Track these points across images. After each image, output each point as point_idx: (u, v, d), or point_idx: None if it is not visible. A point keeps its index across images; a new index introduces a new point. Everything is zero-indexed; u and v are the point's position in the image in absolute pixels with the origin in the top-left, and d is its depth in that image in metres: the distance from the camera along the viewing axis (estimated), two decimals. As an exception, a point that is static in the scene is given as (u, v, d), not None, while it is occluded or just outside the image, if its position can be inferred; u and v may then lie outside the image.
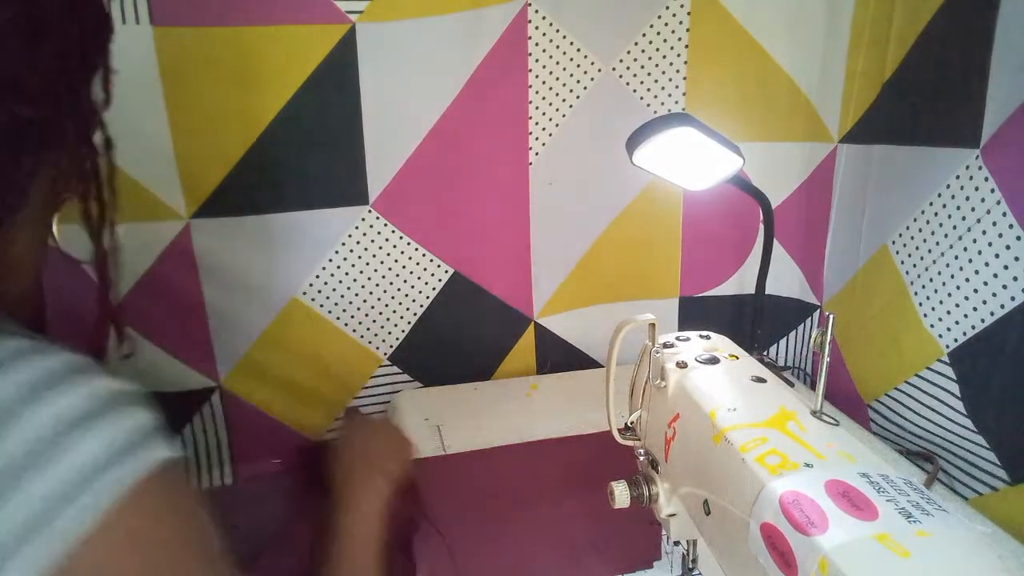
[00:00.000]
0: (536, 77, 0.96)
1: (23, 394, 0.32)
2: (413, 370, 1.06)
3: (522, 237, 1.04)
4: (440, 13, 0.88)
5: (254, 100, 0.85)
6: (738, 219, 1.07)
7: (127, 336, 0.51)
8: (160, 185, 0.85)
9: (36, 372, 0.33)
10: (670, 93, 1.00)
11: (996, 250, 0.70)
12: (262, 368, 0.97)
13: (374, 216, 0.95)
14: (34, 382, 0.33)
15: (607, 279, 1.09)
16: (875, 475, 0.40)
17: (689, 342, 0.58)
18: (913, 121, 0.84)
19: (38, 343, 0.35)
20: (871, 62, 0.89)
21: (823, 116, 0.99)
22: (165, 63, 0.80)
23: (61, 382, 0.33)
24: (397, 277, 1.00)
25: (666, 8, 0.95)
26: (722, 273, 1.11)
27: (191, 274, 0.90)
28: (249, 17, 0.81)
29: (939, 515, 0.37)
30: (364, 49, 0.86)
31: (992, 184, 0.70)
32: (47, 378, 0.33)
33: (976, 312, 0.73)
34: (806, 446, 0.43)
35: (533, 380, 1.07)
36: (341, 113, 0.89)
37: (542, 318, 1.09)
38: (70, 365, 0.35)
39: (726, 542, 0.46)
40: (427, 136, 0.93)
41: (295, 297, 0.96)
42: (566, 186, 1.02)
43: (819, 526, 0.36)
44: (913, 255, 0.83)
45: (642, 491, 0.56)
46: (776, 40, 0.97)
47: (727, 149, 0.76)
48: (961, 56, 0.75)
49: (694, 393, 0.51)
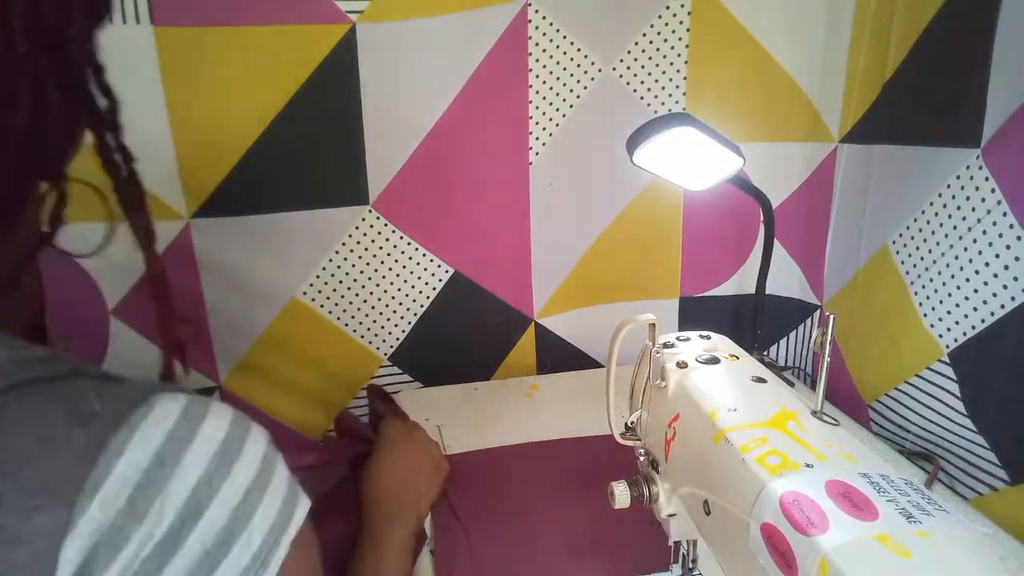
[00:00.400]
0: (536, 77, 0.96)
1: (217, 462, 0.32)
2: (413, 370, 1.06)
3: (522, 237, 1.04)
4: (440, 13, 0.88)
5: (254, 100, 0.85)
6: (738, 219, 1.07)
7: (188, 364, 0.51)
8: (160, 185, 0.85)
9: (219, 433, 0.33)
10: (670, 93, 1.00)
11: (996, 250, 0.70)
12: (262, 368, 0.97)
13: (374, 216, 0.95)
14: (221, 448, 0.32)
15: (607, 279, 1.09)
16: (875, 475, 0.40)
17: (689, 342, 0.58)
18: (913, 121, 0.84)
19: None
20: (872, 62, 0.89)
21: (823, 116, 0.98)
22: (165, 63, 0.80)
23: (238, 448, 0.33)
24: (397, 277, 1.00)
25: (666, 8, 0.95)
26: (722, 273, 1.11)
27: (191, 274, 0.90)
28: (249, 17, 0.81)
29: (939, 515, 0.37)
30: (364, 49, 0.86)
31: (992, 184, 0.70)
32: (228, 444, 0.33)
33: (976, 312, 0.73)
34: (806, 446, 0.43)
35: (533, 380, 1.07)
36: (341, 113, 0.89)
37: (542, 318, 1.09)
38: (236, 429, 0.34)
39: (726, 542, 0.46)
40: (427, 136, 0.93)
41: (295, 297, 0.96)
42: (566, 186, 1.02)
43: (819, 526, 0.36)
44: (913, 255, 0.83)
45: (642, 491, 0.56)
46: (776, 40, 0.97)
47: (727, 149, 0.76)
48: (961, 56, 0.75)
49: (694, 393, 0.51)
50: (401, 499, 0.69)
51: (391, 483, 0.70)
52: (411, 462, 0.73)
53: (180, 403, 0.33)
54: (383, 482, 0.70)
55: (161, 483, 0.30)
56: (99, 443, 0.29)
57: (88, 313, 0.87)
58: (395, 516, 0.67)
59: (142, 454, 0.30)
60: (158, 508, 0.30)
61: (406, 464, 0.73)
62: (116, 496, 0.29)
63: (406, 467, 0.72)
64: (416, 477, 0.72)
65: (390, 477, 0.71)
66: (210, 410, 0.33)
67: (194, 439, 0.32)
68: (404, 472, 0.72)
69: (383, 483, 0.70)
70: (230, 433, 0.33)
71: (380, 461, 0.72)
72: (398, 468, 0.72)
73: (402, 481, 0.71)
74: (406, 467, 0.72)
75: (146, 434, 0.31)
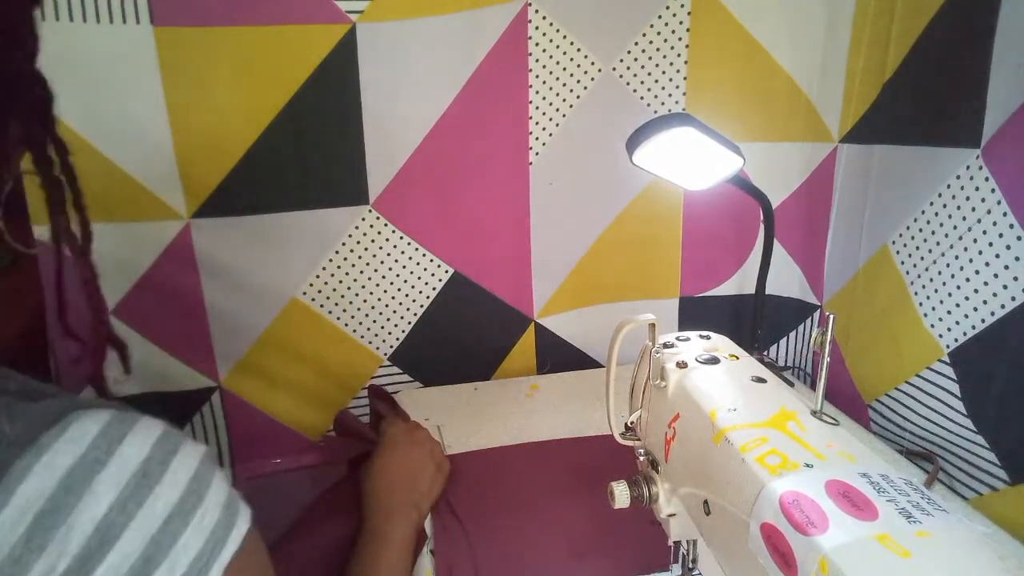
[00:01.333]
0: (536, 77, 0.96)
1: (138, 481, 0.30)
2: (413, 370, 1.06)
3: (522, 237, 1.04)
4: (440, 13, 0.88)
5: (254, 100, 0.85)
6: (738, 219, 1.07)
7: (128, 358, 0.49)
8: (160, 185, 0.85)
9: (138, 455, 0.31)
10: (670, 93, 1.00)
11: (996, 250, 0.70)
12: (262, 368, 0.97)
13: (374, 216, 0.95)
14: (143, 468, 0.31)
15: (607, 279, 1.09)
16: (875, 475, 0.40)
17: (689, 342, 0.58)
18: (913, 121, 0.83)
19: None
20: (871, 62, 0.89)
21: (823, 116, 0.98)
22: (165, 63, 0.80)
23: (161, 469, 0.31)
24: (397, 277, 1.00)
25: (666, 8, 0.95)
26: (722, 273, 1.11)
27: (191, 274, 0.90)
28: (249, 17, 0.81)
29: (939, 515, 0.37)
30: (364, 49, 0.86)
31: (992, 184, 0.70)
32: (149, 466, 0.31)
33: (976, 312, 0.73)
34: (806, 446, 0.43)
35: (533, 380, 1.07)
36: (341, 113, 0.89)
37: (542, 318, 1.09)
38: (160, 447, 0.32)
39: (726, 542, 0.46)
40: (427, 136, 0.93)
41: (295, 297, 0.96)
42: (566, 186, 1.02)
43: (819, 526, 0.36)
44: (913, 255, 0.83)
45: (642, 491, 0.56)
46: (776, 40, 0.97)
47: (727, 149, 0.76)
48: (961, 56, 0.75)
49: (694, 393, 0.51)
50: (402, 497, 0.69)
51: (393, 481, 0.70)
52: (414, 461, 0.73)
53: (99, 422, 0.30)
54: (384, 479, 0.70)
55: (67, 510, 0.28)
56: (1, 469, 0.28)
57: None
58: (396, 513, 0.67)
59: (48, 479, 0.28)
60: (62, 537, 0.28)
61: (408, 462, 0.73)
62: (15, 525, 0.27)
63: (408, 465, 0.73)
64: (418, 476, 0.72)
65: (392, 475, 0.71)
66: (133, 429, 0.31)
67: (108, 461, 0.30)
68: (406, 470, 0.72)
69: (384, 480, 0.70)
70: (152, 454, 0.31)
71: (382, 459, 0.72)
72: (400, 466, 0.72)
73: (404, 479, 0.71)
74: (408, 465, 0.73)
75: (54, 458, 0.29)
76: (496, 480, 0.80)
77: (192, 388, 0.95)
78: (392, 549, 0.63)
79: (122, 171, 0.83)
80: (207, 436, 0.98)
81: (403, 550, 0.64)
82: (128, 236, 0.86)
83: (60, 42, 0.76)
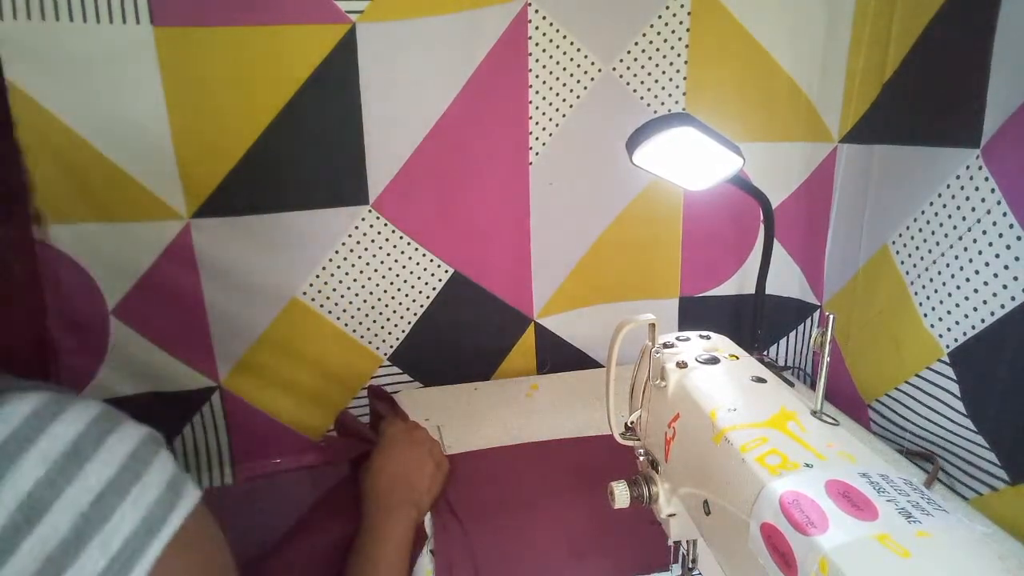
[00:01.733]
0: (536, 77, 0.96)
1: (62, 463, 0.30)
2: (413, 370, 1.06)
3: (522, 237, 1.04)
4: (440, 13, 0.88)
5: (254, 100, 0.85)
6: (738, 219, 1.07)
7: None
8: (160, 185, 0.85)
9: (70, 433, 0.31)
10: (670, 93, 1.00)
11: (996, 250, 0.70)
12: (262, 368, 0.97)
13: (374, 216, 0.95)
14: (73, 447, 0.31)
15: (607, 279, 1.09)
16: (875, 475, 0.40)
17: (689, 342, 0.58)
18: (913, 121, 0.84)
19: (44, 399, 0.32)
20: (871, 62, 0.89)
21: (823, 116, 0.98)
22: (165, 63, 0.80)
23: (95, 447, 0.31)
24: (397, 277, 1.00)
25: (666, 8, 0.95)
26: (722, 273, 1.11)
27: (191, 274, 0.90)
28: (249, 17, 0.81)
29: (939, 515, 0.37)
30: (364, 49, 0.86)
31: (992, 184, 0.70)
32: (82, 443, 0.31)
33: (976, 312, 0.73)
34: (806, 446, 0.43)
35: (533, 380, 1.07)
36: (341, 113, 0.89)
37: (542, 318, 1.09)
38: (94, 427, 0.32)
39: (726, 542, 0.46)
40: (427, 136, 0.93)
41: (295, 297, 0.96)
42: (566, 186, 1.02)
43: (819, 526, 0.36)
44: (913, 255, 0.83)
45: (642, 491, 0.56)
46: (776, 40, 0.97)
47: (727, 149, 0.76)
48: (961, 56, 0.75)
49: (694, 393, 0.51)
50: (401, 495, 0.69)
51: (392, 479, 0.70)
52: (413, 459, 0.73)
53: (32, 403, 0.31)
54: (384, 477, 0.70)
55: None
56: None
57: (88, 313, 0.87)
58: (395, 511, 0.67)
59: None
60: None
61: (407, 461, 0.73)
62: None
63: (407, 464, 0.73)
64: (418, 475, 0.72)
65: (391, 473, 0.71)
66: (68, 408, 0.32)
67: (38, 439, 0.30)
68: (406, 469, 0.72)
69: (384, 478, 0.70)
70: (87, 431, 0.31)
71: (381, 457, 0.72)
72: (399, 464, 0.72)
73: (403, 477, 0.71)
74: (407, 464, 0.73)
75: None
76: (496, 480, 0.80)
77: (192, 388, 0.95)
78: (391, 547, 0.64)
79: (122, 171, 0.83)
80: (207, 436, 0.98)
81: (402, 548, 0.64)
82: (128, 236, 0.86)
83: (60, 42, 0.76)
